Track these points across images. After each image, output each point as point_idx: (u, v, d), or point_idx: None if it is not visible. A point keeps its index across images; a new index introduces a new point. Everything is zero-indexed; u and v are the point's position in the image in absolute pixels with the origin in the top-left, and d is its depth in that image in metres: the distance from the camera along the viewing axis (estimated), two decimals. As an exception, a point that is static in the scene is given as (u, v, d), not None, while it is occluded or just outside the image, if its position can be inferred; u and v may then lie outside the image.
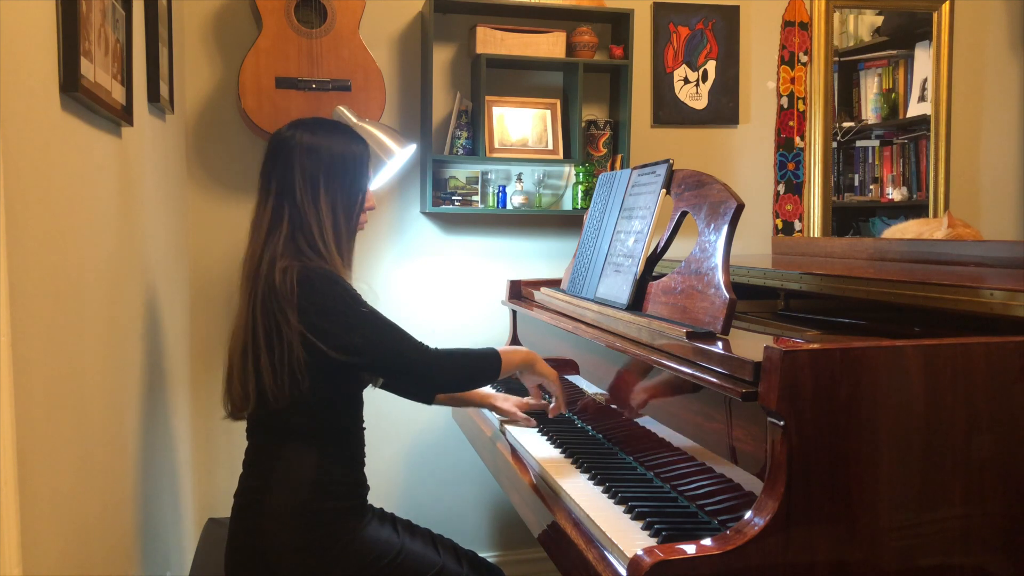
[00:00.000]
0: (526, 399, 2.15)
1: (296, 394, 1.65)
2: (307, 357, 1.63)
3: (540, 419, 2.09)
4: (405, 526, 1.89)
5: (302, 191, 1.72)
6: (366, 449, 1.82)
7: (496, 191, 2.95)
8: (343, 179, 1.76)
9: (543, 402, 2.14)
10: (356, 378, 1.77)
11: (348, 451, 1.76)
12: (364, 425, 1.81)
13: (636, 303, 1.84)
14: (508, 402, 2.14)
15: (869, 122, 3.43)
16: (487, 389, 2.20)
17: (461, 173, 2.95)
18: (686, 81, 3.13)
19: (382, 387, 1.96)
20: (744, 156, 3.22)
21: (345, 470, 1.73)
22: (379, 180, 2.58)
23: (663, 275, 1.79)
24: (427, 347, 1.75)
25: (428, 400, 2.04)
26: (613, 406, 1.88)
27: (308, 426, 1.68)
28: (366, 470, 1.81)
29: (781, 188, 3.25)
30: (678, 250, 1.92)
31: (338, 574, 1.65)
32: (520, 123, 2.92)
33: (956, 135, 3.35)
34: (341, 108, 2.53)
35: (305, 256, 1.69)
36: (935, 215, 3.31)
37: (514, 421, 2.09)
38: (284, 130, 1.79)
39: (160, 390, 2.11)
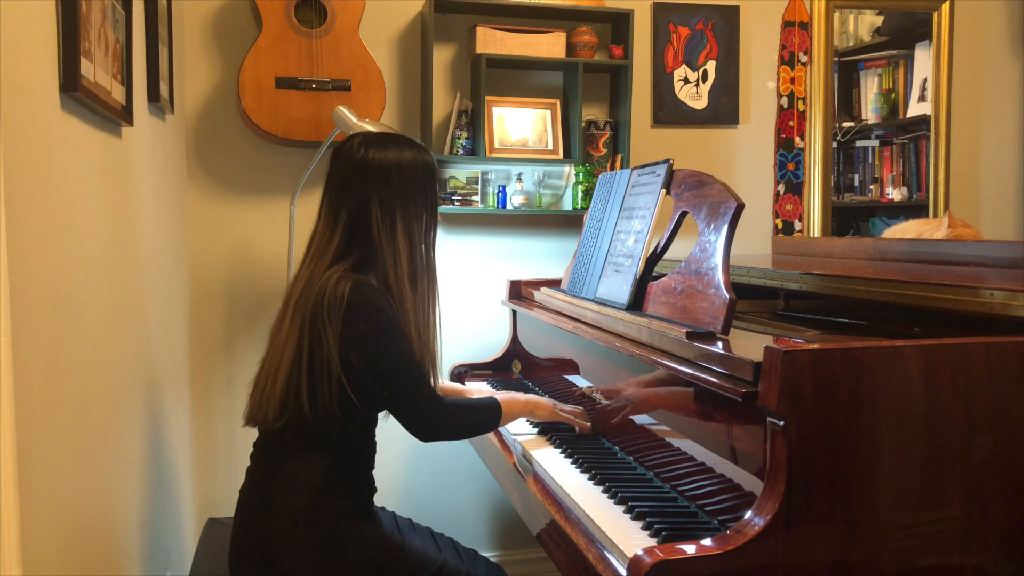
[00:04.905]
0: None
1: (340, 405, 1.63)
2: (344, 375, 1.62)
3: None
4: (406, 524, 1.89)
5: (378, 224, 1.67)
6: (375, 452, 1.81)
7: (496, 191, 2.95)
8: (418, 204, 1.71)
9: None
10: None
11: (359, 456, 1.75)
12: (375, 435, 1.81)
13: (636, 303, 1.84)
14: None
15: (869, 122, 3.43)
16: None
17: (461, 173, 2.95)
18: (686, 81, 3.12)
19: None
20: (744, 156, 3.22)
21: (354, 473, 1.73)
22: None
23: (663, 275, 1.79)
24: (440, 398, 1.71)
25: (425, 440, 1.81)
26: (613, 406, 1.88)
27: (323, 433, 1.66)
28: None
29: (781, 188, 3.25)
30: (678, 250, 1.92)
31: (341, 569, 1.65)
32: (520, 123, 2.92)
33: (956, 135, 3.35)
34: (341, 108, 2.54)
35: (366, 276, 1.66)
36: (935, 215, 3.31)
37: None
38: (355, 149, 1.72)
39: (160, 390, 2.11)
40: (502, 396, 1.89)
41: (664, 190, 1.89)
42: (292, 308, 1.67)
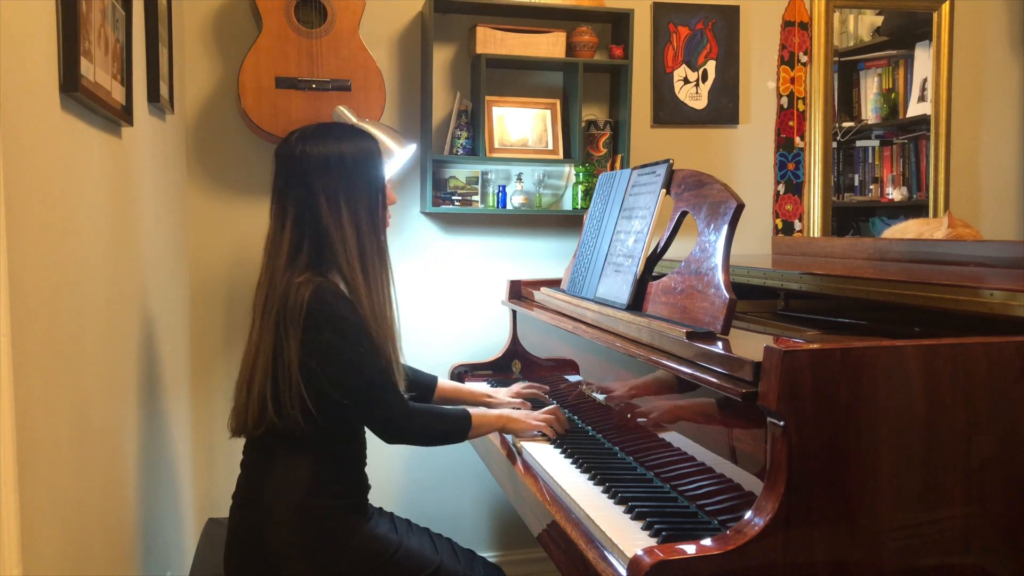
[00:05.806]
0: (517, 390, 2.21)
1: (301, 411, 1.64)
2: (302, 382, 1.63)
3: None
4: (403, 525, 1.89)
5: (326, 212, 1.67)
6: (366, 449, 1.82)
7: (496, 191, 2.95)
8: (363, 188, 1.70)
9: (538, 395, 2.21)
10: None
11: (347, 454, 1.76)
12: (363, 432, 1.81)
13: (636, 303, 1.84)
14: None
15: (869, 122, 3.43)
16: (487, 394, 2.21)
17: (461, 173, 2.95)
18: (686, 81, 3.12)
19: None
20: (744, 156, 3.22)
21: (344, 471, 1.74)
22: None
23: (663, 275, 1.79)
24: (405, 401, 1.72)
25: (389, 443, 1.78)
26: (613, 406, 1.88)
27: (308, 433, 1.67)
28: (366, 469, 1.81)
29: (781, 188, 3.25)
30: (678, 250, 1.92)
31: (336, 571, 1.65)
32: (520, 123, 2.92)
33: (956, 135, 3.35)
34: (341, 108, 2.53)
35: (327, 278, 1.67)
36: (935, 215, 3.31)
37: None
38: (293, 144, 1.72)
39: (160, 390, 2.11)
40: (475, 410, 1.89)
41: (664, 190, 1.89)
42: (260, 314, 1.68)
